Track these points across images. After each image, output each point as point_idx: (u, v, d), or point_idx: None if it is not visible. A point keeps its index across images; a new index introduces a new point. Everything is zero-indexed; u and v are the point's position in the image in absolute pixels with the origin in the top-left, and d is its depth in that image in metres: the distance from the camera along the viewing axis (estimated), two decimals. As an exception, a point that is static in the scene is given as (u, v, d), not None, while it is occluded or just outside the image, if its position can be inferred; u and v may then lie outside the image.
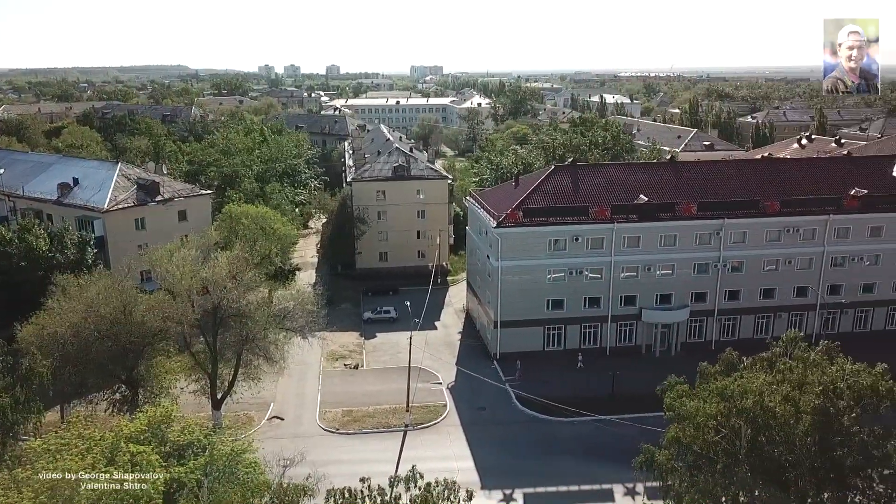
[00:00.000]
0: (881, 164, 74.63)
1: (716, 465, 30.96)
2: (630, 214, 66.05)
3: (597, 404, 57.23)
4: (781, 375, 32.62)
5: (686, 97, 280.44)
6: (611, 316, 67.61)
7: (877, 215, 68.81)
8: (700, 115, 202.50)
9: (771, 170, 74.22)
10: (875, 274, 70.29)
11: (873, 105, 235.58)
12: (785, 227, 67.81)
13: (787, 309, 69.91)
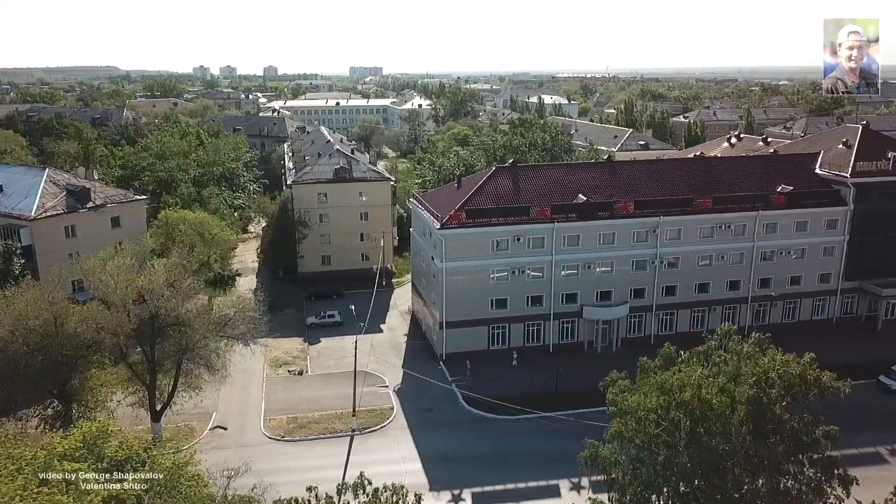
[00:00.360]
0: (805, 162, 78.17)
1: (657, 457, 31.89)
2: (570, 214, 67.29)
3: (542, 401, 58.07)
4: (717, 368, 33.84)
5: (621, 98, 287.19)
6: (553, 314, 68.71)
7: (802, 211, 72.03)
8: (635, 116, 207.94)
9: (703, 168, 76.80)
10: (801, 267, 73.54)
11: (796, 105, 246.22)
12: (717, 223, 70.25)
13: (721, 302, 72.44)
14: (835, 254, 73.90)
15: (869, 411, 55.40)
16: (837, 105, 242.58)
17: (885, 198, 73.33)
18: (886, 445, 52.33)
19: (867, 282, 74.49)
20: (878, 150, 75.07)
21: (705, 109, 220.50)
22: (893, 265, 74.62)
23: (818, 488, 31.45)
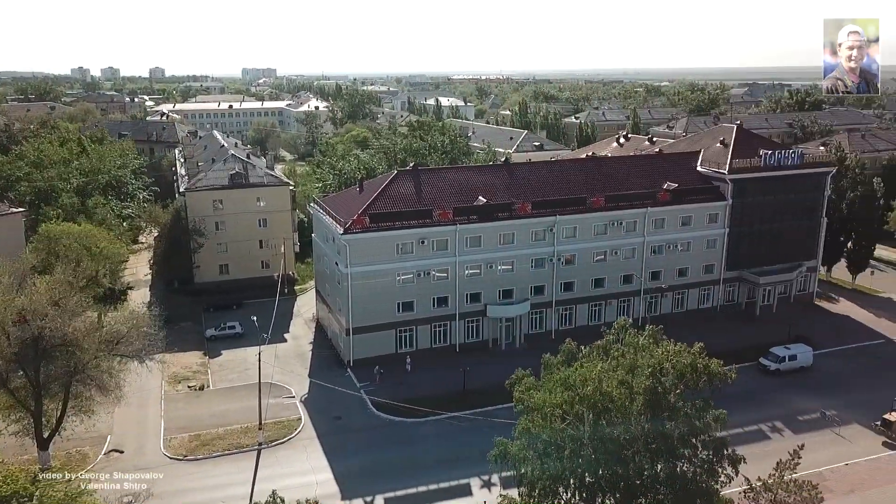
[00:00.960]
0: (687, 160, 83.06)
1: (564, 450, 33.04)
2: (471, 216, 68.43)
3: (451, 401, 58.80)
4: (616, 361, 35.45)
5: (516, 99, 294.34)
6: (458, 314, 69.64)
7: (686, 206, 76.51)
8: (529, 117, 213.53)
9: (595, 168, 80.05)
10: (687, 259, 78.08)
11: (677, 105, 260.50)
12: (610, 220, 73.43)
13: (616, 296, 75.79)
14: (717, 246, 78.93)
15: (751, 392, 59.74)
16: (714, 105, 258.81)
17: (758, 192, 79.08)
18: (767, 423, 56.45)
19: (746, 271, 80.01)
20: (751, 148, 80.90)
21: (594, 110, 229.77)
22: (768, 255, 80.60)
23: (711, 469, 33.60)
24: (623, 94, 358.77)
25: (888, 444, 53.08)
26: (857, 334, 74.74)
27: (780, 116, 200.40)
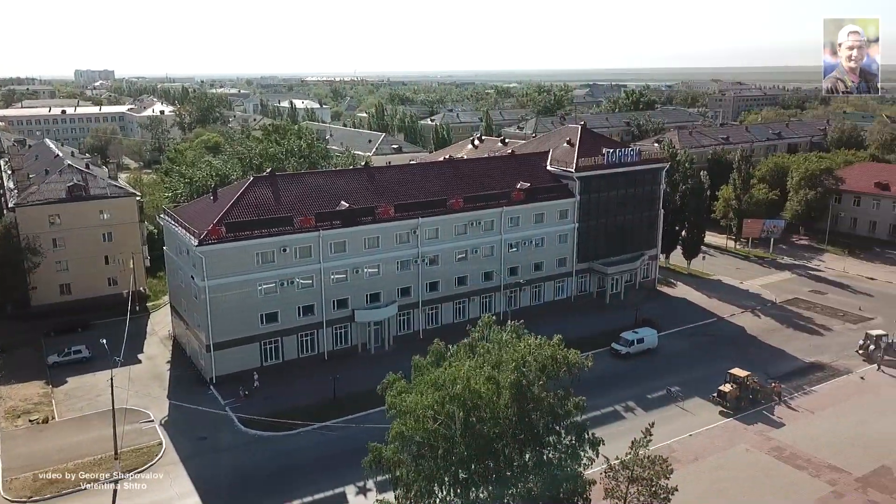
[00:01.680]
0: (538, 160, 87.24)
1: (437, 450, 33.83)
2: (334, 221, 67.86)
3: (322, 411, 58.10)
4: (482, 359, 36.75)
5: (372, 101, 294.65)
6: (325, 321, 68.81)
7: (538, 204, 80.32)
8: (386, 119, 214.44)
9: (453, 170, 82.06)
10: (542, 254, 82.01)
11: (526, 106, 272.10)
12: (469, 220, 75.62)
13: (479, 293, 78.17)
14: (568, 240, 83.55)
15: (606, 376, 63.91)
16: (559, 105, 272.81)
17: (602, 188, 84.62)
18: (621, 403, 60.67)
19: (595, 262, 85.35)
20: (595, 147, 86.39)
21: (449, 112, 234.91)
22: (614, 246, 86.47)
23: (574, 453, 35.75)
24: (475, 96, 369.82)
25: (724, 412, 58.83)
26: (694, 315, 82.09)
27: (618, 116, 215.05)
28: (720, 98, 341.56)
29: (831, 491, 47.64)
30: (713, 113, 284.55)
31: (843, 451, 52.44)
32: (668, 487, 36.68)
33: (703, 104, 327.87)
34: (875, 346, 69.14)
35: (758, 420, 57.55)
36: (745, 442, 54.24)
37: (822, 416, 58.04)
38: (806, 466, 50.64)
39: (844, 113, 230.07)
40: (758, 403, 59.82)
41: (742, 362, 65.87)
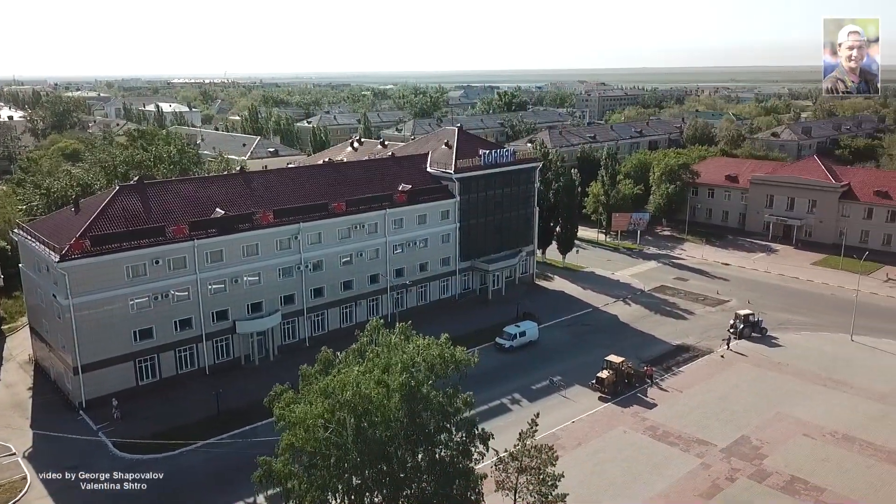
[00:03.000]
0: (418, 162, 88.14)
1: (329, 459, 33.49)
2: (209, 229, 65.31)
3: (206, 428, 55.84)
4: (371, 363, 36.76)
5: (244, 104, 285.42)
6: (205, 334, 66.09)
7: (421, 206, 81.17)
8: (261, 122, 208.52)
9: (333, 173, 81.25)
10: (426, 255, 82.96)
11: (403, 108, 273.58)
12: (352, 224, 75.18)
13: (365, 296, 77.88)
14: (451, 240, 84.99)
15: (491, 370, 65.70)
16: (436, 107, 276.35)
17: (481, 188, 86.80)
18: (507, 396, 62.55)
19: (477, 260, 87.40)
20: (472, 148, 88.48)
21: (326, 114, 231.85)
22: (494, 244, 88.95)
23: (465, 450, 36.53)
24: (351, 97, 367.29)
25: (602, 398, 62.10)
26: (571, 306, 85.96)
27: (493, 117, 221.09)
28: (587, 98, 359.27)
29: (700, 463, 51.52)
30: (581, 113, 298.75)
31: (708, 426, 56.83)
32: (555, 474, 38.28)
33: (572, 104, 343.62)
34: (744, 324, 75.52)
35: (633, 403, 61.20)
36: (623, 424, 57.54)
37: (690, 395, 62.58)
38: (677, 442, 54.44)
39: (697, 112, 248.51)
40: (633, 387, 63.59)
41: (617, 349, 69.76)
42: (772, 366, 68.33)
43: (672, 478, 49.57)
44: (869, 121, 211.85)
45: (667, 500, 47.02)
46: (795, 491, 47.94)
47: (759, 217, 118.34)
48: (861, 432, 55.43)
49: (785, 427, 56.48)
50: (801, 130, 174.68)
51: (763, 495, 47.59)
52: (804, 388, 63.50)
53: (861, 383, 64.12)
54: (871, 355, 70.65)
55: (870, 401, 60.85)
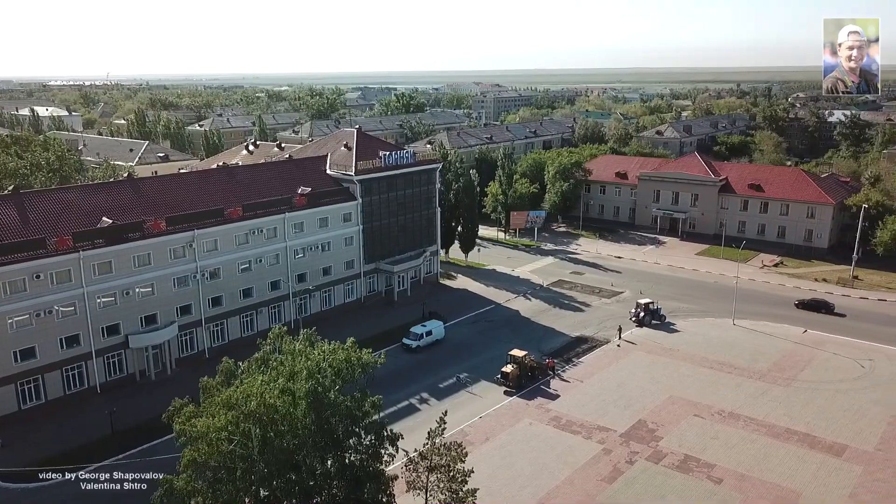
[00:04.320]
0: (317, 164, 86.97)
1: (235, 472, 32.57)
2: (96, 240, 61.86)
3: (99, 450, 52.80)
4: (276, 371, 36.04)
5: (130, 107, 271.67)
6: (95, 351, 62.55)
7: (322, 209, 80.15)
8: (149, 126, 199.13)
9: (229, 177, 78.87)
10: (329, 258, 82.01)
11: (300, 110, 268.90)
12: (251, 229, 73.24)
13: (267, 303, 76.06)
14: (354, 242, 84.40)
15: (399, 371, 65.91)
16: (333, 109, 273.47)
17: (383, 190, 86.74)
18: (416, 396, 62.91)
19: (381, 262, 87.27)
20: (372, 150, 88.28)
21: (219, 117, 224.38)
22: (398, 245, 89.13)
23: (375, 453, 36.49)
24: (245, 99, 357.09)
25: (508, 392, 63.59)
26: (475, 303, 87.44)
27: (391, 118, 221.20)
28: (482, 100, 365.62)
29: (602, 449, 53.78)
30: (477, 114, 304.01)
31: (608, 412, 59.40)
32: (465, 470, 38.90)
33: (468, 106, 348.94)
34: (644, 312, 79.51)
35: (537, 395, 63.04)
36: (528, 416, 59.17)
37: (589, 384, 65.15)
38: (580, 431, 56.58)
39: (587, 112, 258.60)
40: (536, 379, 65.48)
41: (520, 343, 71.65)
42: (663, 352, 72.22)
43: (576, 465, 51.49)
44: (742, 119, 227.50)
45: (572, 487, 48.79)
46: (689, 469, 50.93)
47: (648, 211, 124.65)
48: (745, 409, 59.60)
49: (677, 409, 59.88)
50: (682, 128, 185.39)
51: (660, 475, 50.27)
52: (693, 371, 67.54)
53: (743, 364, 68.91)
54: (751, 337, 76.07)
55: (751, 380, 65.51)
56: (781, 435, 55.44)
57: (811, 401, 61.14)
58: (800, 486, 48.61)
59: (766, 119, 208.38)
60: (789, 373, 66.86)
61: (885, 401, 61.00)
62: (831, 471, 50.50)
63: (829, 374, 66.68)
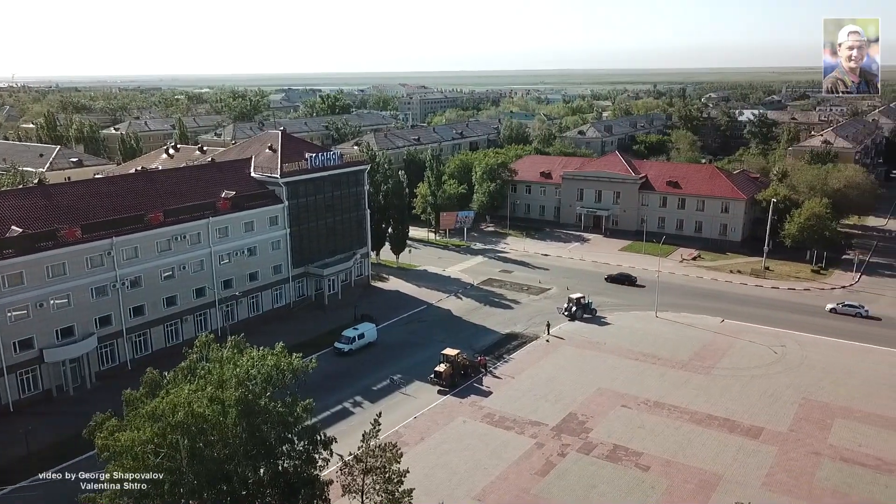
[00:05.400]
0: (241, 167, 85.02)
1: (163, 485, 31.53)
2: (5, 250, 58.60)
3: (15, 471, 50.05)
4: (204, 380, 35.09)
5: (39, 110, 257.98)
6: (6, 367, 59.24)
7: (247, 213, 78.47)
8: (60, 130, 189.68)
9: (148, 182, 76.07)
10: (256, 263, 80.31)
11: (222, 112, 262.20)
12: (173, 235, 70.98)
13: (192, 311, 73.85)
14: (281, 246, 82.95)
15: (332, 375, 65.29)
16: (256, 111, 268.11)
17: (310, 192, 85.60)
18: (349, 400, 62.44)
19: (311, 266, 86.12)
20: (297, 152, 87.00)
21: (136, 120, 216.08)
22: (327, 248, 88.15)
23: (309, 458, 36.03)
24: (164, 102, 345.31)
25: (442, 391, 63.92)
26: (407, 305, 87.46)
27: (317, 120, 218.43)
28: (409, 101, 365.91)
29: (534, 443, 54.79)
30: (404, 115, 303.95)
31: (540, 407, 60.56)
32: (401, 471, 38.89)
33: (395, 107, 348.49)
34: (577, 306, 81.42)
35: (470, 393, 63.63)
36: (462, 414, 59.66)
37: (521, 379, 66.25)
38: (513, 426, 57.45)
39: (511, 113, 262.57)
40: (469, 378, 66.06)
41: (452, 342, 72.18)
42: (591, 346, 74.19)
43: (510, 460, 52.27)
44: (659, 119, 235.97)
45: (506, 482, 49.50)
46: (618, 458, 52.53)
47: (572, 210, 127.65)
48: (669, 398, 61.93)
49: (605, 401, 61.65)
50: (603, 128, 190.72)
51: (591, 465, 51.64)
52: (619, 363, 69.67)
53: (665, 354, 71.57)
54: (673, 328, 79.08)
55: (674, 369, 68.13)
56: (703, 421, 57.90)
57: (730, 387, 64.10)
58: (721, 469, 50.90)
59: (681, 119, 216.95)
60: (709, 361, 69.88)
61: (796, 384, 64.59)
62: (749, 453, 53.09)
63: (745, 360, 70.05)
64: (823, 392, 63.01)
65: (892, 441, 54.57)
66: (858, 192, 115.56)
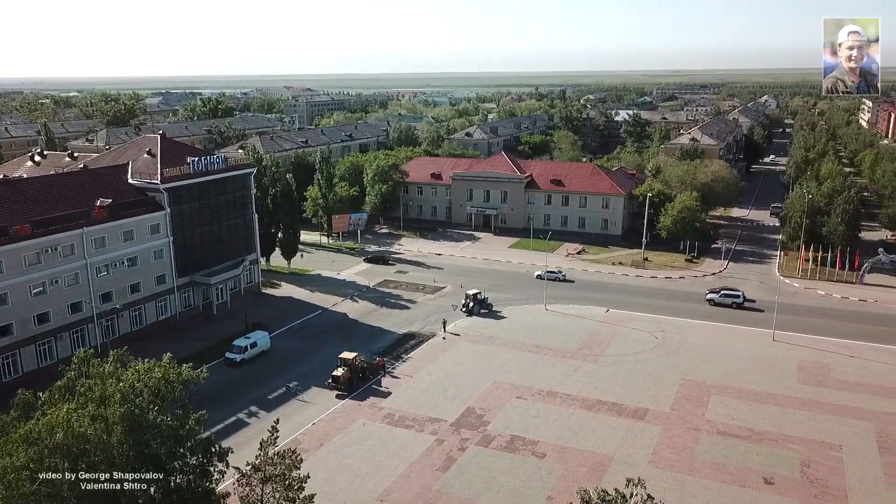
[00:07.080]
0: (117, 174, 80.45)
1: (42, 513, 29.38)
2: None
3: None
4: (84, 398, 32.94)
5: None
6: None
7: (125, 221, 74.33)
8: None
9: (12, 192, 70.41)
10: (138, 274, 76.24)
11: (93, 117, 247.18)
12: (42, 247, 66.20)
13: (68, 328, 69.14)
14: (164, 255, 79.16)
15: (225, 386, 63.09)
16: (132, 115, 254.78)
17: (193, 198, 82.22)
18: (244, 410, 60.53)
19: (197, 274, 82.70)
20: (179, 156, 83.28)
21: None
22: (213, 255, 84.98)
23: (204, 471, 34.62)
24: (27, 106, 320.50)
25: (340, 395, 63.24)
26: (300, 311, 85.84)
27: (198, 123, 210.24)
28: (295, 104, 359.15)
29: (434, 440, 55.32)
30: (290, 118, 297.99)
31: (438, 404, 61.22)
32: (301, 477, 38.15)
33: (280, 110, 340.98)
34: (473, 302, 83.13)
35: (369, 395, 63.36)
36: (362, 417, 59.31)
37: (419, 378, 66.69)
38: (413, 425, 57.74)
39: (400, 115, 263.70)
40: (367, 380, 65.74)
41: (349, 345, 71.58)
42: (485, 340, 75.81)
43: (411, 458, 52.49)
44: (542, 119, 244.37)
45: (408, 481, 49.70)
46: (515, 448, 53.99)
47: (463, 209, 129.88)
48: (560, 387, 64.33)
49: (502, 393, 63.20)
50: (489, 130, 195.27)
51: (490, 457, 52.76)
52: (513, 356, 71.62)
53: (556, 345, 74.29)
54: (562, 320, 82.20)
55: (564, 359, 70.83)
56: (594, 406, 60.59)
57: (616, 373, 67.43)
58: (611, 451, 53.46)
59: (563, 119, 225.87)
60: (596, 349, 73.19)
61: (675, 366, 68.89)
62: (637, 433, 56.09)
63: (629, 346, 73.92)
64: (700, 372, 67.56)
65: (762, 413, 59.35)
66: (724, 186, 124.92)
